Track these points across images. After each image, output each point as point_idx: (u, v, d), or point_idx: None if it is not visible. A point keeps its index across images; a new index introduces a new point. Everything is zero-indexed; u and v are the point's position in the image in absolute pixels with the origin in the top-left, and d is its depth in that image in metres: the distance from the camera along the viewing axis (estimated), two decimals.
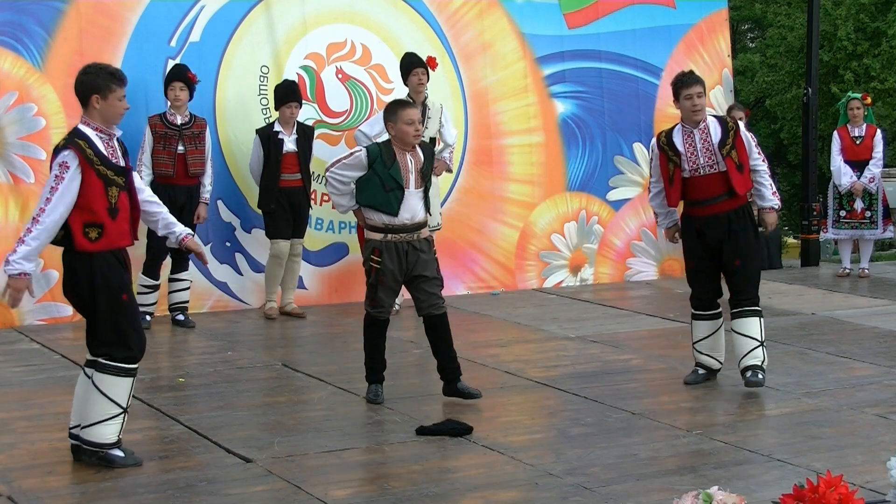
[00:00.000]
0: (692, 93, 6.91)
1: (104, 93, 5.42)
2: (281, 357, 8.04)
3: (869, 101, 11.72)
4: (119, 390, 5.43)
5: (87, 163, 5.32)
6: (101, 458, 5.45)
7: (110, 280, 5.39)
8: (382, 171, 6.48)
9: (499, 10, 10.89)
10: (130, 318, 5.48)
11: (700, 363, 7.21)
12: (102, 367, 5.43)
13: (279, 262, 9.35)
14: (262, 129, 9.31)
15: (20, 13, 8.95)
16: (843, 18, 25.12)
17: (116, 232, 5.41)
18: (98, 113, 5.45)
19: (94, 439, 5.44)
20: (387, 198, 6.48)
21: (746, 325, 6.98)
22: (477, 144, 10.70)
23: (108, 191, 5.38)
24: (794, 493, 4.02)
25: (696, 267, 7.13)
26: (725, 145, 6.93)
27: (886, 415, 6.45)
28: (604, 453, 5.72)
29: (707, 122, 7.00)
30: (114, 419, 5.43)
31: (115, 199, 5.40)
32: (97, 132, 5.44)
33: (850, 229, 11.68)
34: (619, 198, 11.34)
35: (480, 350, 8.14)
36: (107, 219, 5.37)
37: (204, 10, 9.66)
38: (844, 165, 11.54)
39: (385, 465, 5.59)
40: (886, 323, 9.16)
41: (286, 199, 9.23)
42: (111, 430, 5.44)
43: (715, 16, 11.94)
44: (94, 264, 5.38)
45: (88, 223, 5.34)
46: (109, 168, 5.39)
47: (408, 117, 6.51)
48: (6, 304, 5.65)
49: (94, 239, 5.36)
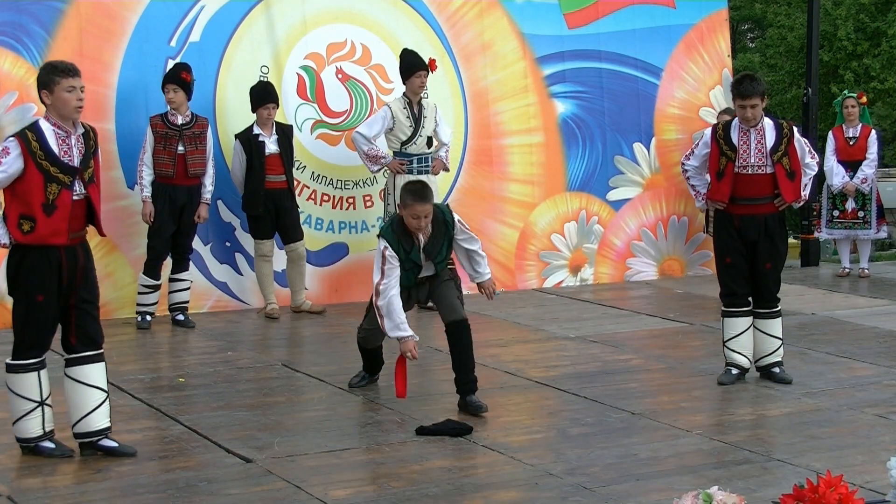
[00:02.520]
0: (746, 104, 6.95)
1: (49, 87, 5.44)
2: (281, 357, 8.04)
3: (865, 101, 11.72)
4: (28, 385, 5.54)
5: (29, 155, 5.37)
6: (32, 452, 5.59)
7: (31, 277, 5.45)
8: (403, 255, 6.43)
9: (499, 10, 10.89)
10: (40, 319, 5.51)
11: (733, 362, 7.20)
12: (9, 367, 5.56)
13: (267, 260, 9.36)
14: (242, 133, 9.26)
15: (20, 13, 8.94)
16: (843, 18, 25.13)
17: (49, 229, 5.41)
18: (51, 108, 5.48)
19: (21, 435, 5.60)
20: (406, 275, 6.50)
21: (771, 325, 7.18)
22: (477, 144, 10.70)
23: (46, 186, 5.39)
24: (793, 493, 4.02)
25: (732, 262, 7.14)
26: (777, 151, 6.99)
27: (886, 415, 6.45)
28: (604, 453, 5.73)
29: (764, 123, 7.03)
30: (30, 414, 5.56)
31: (53, 196, 5.40)
32: (54, 127, 5.46)
33: (843, 229, 11.69)
34: (619, 198, 11.34)
35: (480, 350, 8.10)
36: (40, 213, 5.39)
37: (204, 10, 9.66)
38: (837, 165, 11.55)
39: (385, 465, 5.59)
40: (886, 323, 9.17)
41: (271, 201, 9.22)
42: (33, 426, 5.57)
43: (715, 16, 11.93)
44: (24, 258, 5.46)
45: (23, 215, 5.40)
46: (54, 164, 5.40)
47: (414, 212, 6.33)
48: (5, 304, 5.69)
49: (26, 231, 5.41)
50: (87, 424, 5.61)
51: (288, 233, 9.41)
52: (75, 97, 5.43)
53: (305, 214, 9.85)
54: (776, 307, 7.21)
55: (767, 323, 7.19)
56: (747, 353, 7.19)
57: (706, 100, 11.69)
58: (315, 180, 9.96)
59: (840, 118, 11.71)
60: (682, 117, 11.61)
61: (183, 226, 8.92)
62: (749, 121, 6.99)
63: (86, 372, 5.60)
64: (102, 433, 5.65)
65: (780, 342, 7.21)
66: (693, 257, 11.68)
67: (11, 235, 5.44)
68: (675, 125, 11.59)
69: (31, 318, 5.51)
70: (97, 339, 5.66)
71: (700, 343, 8.40)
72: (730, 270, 7.17)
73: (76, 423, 5.61)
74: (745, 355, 7.19)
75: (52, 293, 5.49)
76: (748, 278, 7.15)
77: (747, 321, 7.17)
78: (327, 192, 9.98)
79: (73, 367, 5.60)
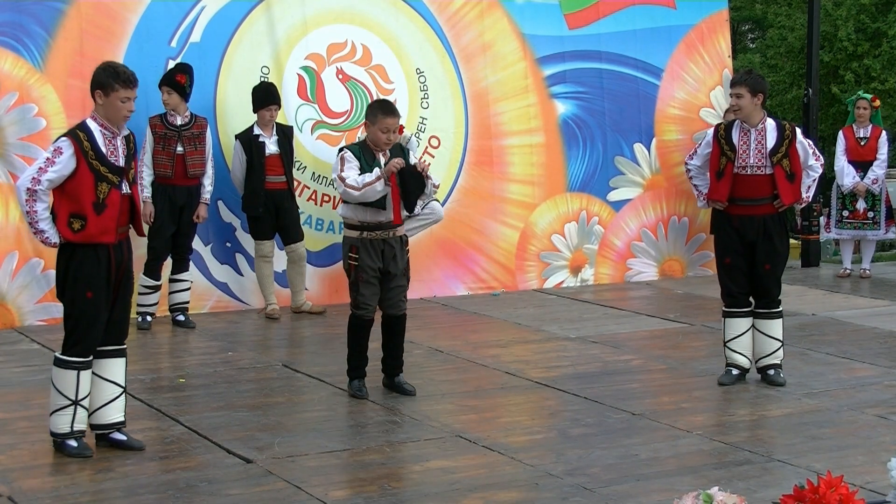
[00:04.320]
0: (732, 92, 7.05)
1: (106, 90, 5.55)
2: (281, 357, 8.04)
3: (878, 104, 11.73)
4: (66, 383, 5.59)
5: (82, 154, 5.46)
6: (57, 447, 5.67)
7: (81, 274, 5.52)
8: (367, 169, 6.66)
9: (499, 11, 10.88)
10: (90, 315, 5.58)
11: (734, 363, 7.20)
12: (55, 360, 5.64)
13: (267, 261, 9.37)
14: (242, 133, 9.27)
15: (21, 13, 8.94)
16: (843, 19, 25.11)
17: (99, 227, 5.50)
18: (101, 108, 5.60)
19: (51, 428, 5.67)
20: None
21: (770, 326, 7.16)
22: (477, 145, 10.70)
23: (97, 185, 5.49)
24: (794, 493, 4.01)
25: (732, 262, 7.14)
26: (777, 153, 6.98)
27: (887, 415, 6.45)
28: (604, 454, 5.72)
29: (766, 124, 7.03)
30: (63, 410, 5.61)
31: (103, 195, 5.50)
32: (101, 128, 5.57)
33: (853, 229, 11.71)
34: (620, 198, 11.34)
35: (481, 350, 8.14)
36: (91, 212, 5.48)
37: (204, 10, 9.65)
38: (848, 166, 11.56)
39: (385, 466, 5.59)
40: (887, 323, 9.17)
41: (271, 201, 9.23)
42: (62, 422, 5.63)
43: (715, 16, 11.93)
44: (74, 256, 5.54)
45: (74, 213, 5.48)
46: (104, 164, 5.51)
47: (384, 125, 6.65)
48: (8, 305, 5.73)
49: (77, 230, 5.49)
50: (101, 416, 5.72)
51: (288, 233, 9.41)
52: (127, 108, 5.58)
53: (306, 215, 9.85)
54: (776, 308, 7.20)
55: (767, 324, 7.18)
56: (748, 354, 7.19)
57: (707, 100, 11.69)
58: (315, 181, 9.96)
59: (851, 118, 11.72)
60: (683, 118, 11.60)
61: (183, 226, 8.92)
62: (735, 111, 7.03)
63: (107, 366, 5.71)
64: (114, 426, 5.75)
65: (779, 344, 7.19)
66: (694, 258, 11.68)
67: (62, 234, 5.52)
68: (676, 126, 11.59)
69: (80, 315, 5.57)
70: (124, 334, 5.78)
71: (701, 344, 8.40)
72: (729, 271, 7.17)
73: (91, 414, 5.72)
74: (746, 356, 7.19)
75: (101, 290, 5.57)
76: (748, 278, 7.14)
77: (748, 322, 7.17)
78: (328, 192, 9.98)
79: (96, 359, 5.68)
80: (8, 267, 8.76)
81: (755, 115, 7.02)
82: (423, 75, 10.47)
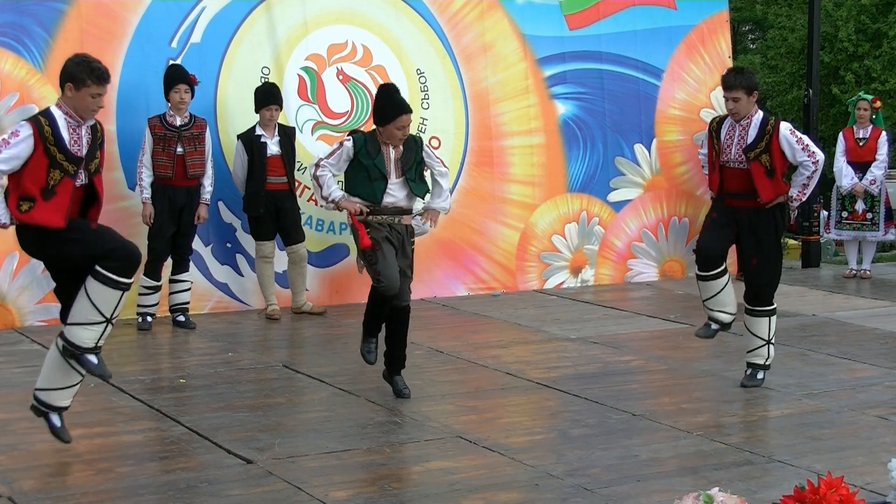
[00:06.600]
0: (728, 97, 7.00)
1: (78, 84, 5.51)
2: (281, 358, 8.04)
3: (878, 105, 11.74)
4: (104, 299, 5.47)
5: (41, 139, 5.44)
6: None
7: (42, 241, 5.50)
8: (367, 161, 6.67)
9: (500, 12, 10.89)
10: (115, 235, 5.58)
11: (712, 318, 7.19)
12: (95, 274, 5.45)
13: (268, 261, 9.37)
14: (244, 133, 9.27)
15: (21, 14, 8.94)
16: (843, 20, 25.12)
17: (45, 213, 5.45)
18: (70, 100, 5.55)
19: (72, 339, 5.52)
20: (371, 187, 6.69)
21: (756, 324, 7.12)
22: (478, 146, 10.70)
23: (49, 171, 5.46)
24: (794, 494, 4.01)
25: (717, 219, 7.09)
26: (755, 148, 6.94)
27: (887, 416, 6.45)
28: (604, 454, 5.72)
29: (752, 119, 7.00)
30: (93, 325, 5.49)
31: (54, 182, 5.46)
32: (66, 116, 5.54)
33: (852, 230, 11.72)
34: (620, 199, 11.34)
35: (481, 351, 8.14)
36: (39, 197, 5.45)
37: (205, 11, 9.66)
38: (846, 167, 11.57)
39: (385, 467, 5.59)
40: (887, 324, 9.17)
41: (272, 202, 9.23)
42: (88, 336, 5.50)
43: (716, 17, 11.94)
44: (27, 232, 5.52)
45: (23, 196, 5.46)
46: (62, 151, 5.47)
47: (401, 123, 6.68)
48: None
49: (24, 211, 5.47)
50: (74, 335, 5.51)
51: (289, 234, 9.41)
52: (97, 104, 5.57)
53: (306, 216, 9.85)
54: (765, 307, 7.09)
55: (752, 321, 7.13)
56: (726, 309, 7.13)
57: (707, 101, 11.69)
58: None
59: (852, 119, 11.73)
60: (683, 118, 11.61)
61: (183, 227, 8.92)
62: (733, 114, 7.01)
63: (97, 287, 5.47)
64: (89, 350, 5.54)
65: (762, 343, 7.11)
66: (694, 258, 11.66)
67: (11, 213, 5.52)
68: (676, 126, 11.59)
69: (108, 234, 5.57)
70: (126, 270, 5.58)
71: (701, 344, 8.37)
72: (710, 224, 7.12)
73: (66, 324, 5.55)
74: (724, 311, 7.14)
75: None
76: (726, 245, 7.09)
77: (722, 281, 7.10)
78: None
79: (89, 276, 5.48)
80: (8, 268, 8.76)
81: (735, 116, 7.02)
82: (423, 76, 10.47)
